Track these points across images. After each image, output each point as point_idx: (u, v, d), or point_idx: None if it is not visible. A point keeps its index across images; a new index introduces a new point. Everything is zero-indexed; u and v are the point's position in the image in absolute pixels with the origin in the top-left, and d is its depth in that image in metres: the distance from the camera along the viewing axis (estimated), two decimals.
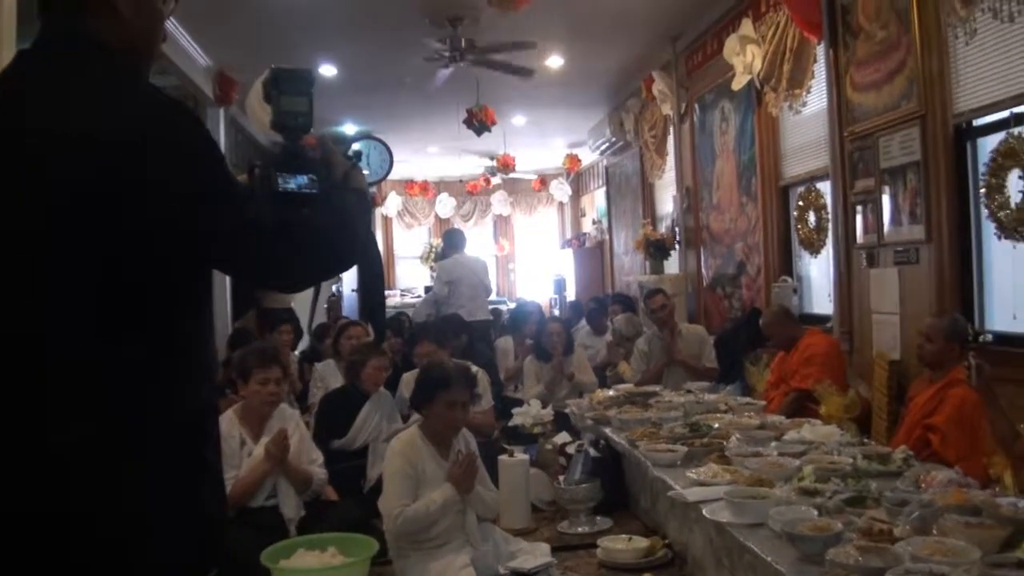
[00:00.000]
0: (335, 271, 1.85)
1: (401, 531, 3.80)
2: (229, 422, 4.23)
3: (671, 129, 9.79)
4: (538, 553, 3.99)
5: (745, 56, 7.04)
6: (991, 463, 3.76)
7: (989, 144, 4.60)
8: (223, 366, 5.64)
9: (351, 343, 6.25)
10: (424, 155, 15.16)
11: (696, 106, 9.05)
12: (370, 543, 3.64)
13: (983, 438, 3.91)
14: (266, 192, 1.77)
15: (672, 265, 10.02)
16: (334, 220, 1.74)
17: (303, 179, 1.79)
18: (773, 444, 4.19)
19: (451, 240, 9.90)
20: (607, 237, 14.56)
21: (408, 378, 5.52)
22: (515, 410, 5.99)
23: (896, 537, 2.69)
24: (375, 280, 2.07)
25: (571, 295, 15.04)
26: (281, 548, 3.56)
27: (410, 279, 18.13)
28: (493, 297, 16.89)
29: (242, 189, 1.74)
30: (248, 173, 1.85)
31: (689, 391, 5.95)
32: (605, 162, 14.23)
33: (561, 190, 17.55)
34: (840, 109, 5.96)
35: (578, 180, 17.26)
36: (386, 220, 18.17)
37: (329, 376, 6.34)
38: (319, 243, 1.70)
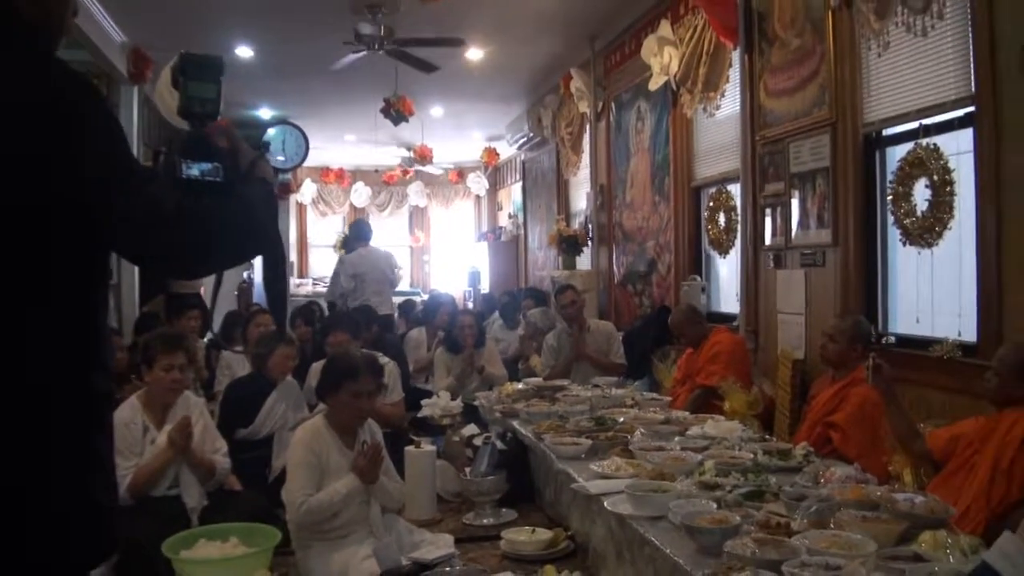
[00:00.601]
0: (235, 261, 1.81)
1: (304, 521, 3.74)
2: (132, 408, 4.15)
3: (587, 127, 9.87)
4: (441, 544, 3.97)
5: (662, 57, 7.13)
6: (891, 460, 3.88)
7: (897, 153, 4.73)
8: (129, 351, 5.51)
9: (259, 331, 6.15)
10: (340, 143, 15.02)
11: (613, 105, 9.14)
12: (272, 533, 3.60)
13: (883, 436, 4.03)
14: (169, 178, 1.73)
15: (584, 261, 10.11)
16: (237, 209, 1.71)
17: (207, 167, 1.75)
18: (676, 439, 4.25)
19: (358, 232, 9.87)
20: (522, 231, 14.60)
21: (317, 367, 5.45)
22: (424, 401, 5.96)
23: (793, 530, 2.75)
24: (277, 271, 2.04)
25: (485, 288, 15.05)
26: (183, 538, 3.53)
27: (323, 268, 17.92)
28: (406, 288, 16.87)
29: (143, 170, 1.69)
30: (153, 158, 1.81)
31: (596, 386, 6.00)
32: (522, 157, 14.26)
33: (478, 183, 17.53)
34: (753, 113, 6.08)
35: (495, 174, 17.27)
36: (300, 207, 17.94)
37: (236, 364, 6.23)
38: (220, 232, 1.66)
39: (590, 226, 9.88)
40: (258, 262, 1.91)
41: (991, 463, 3.34)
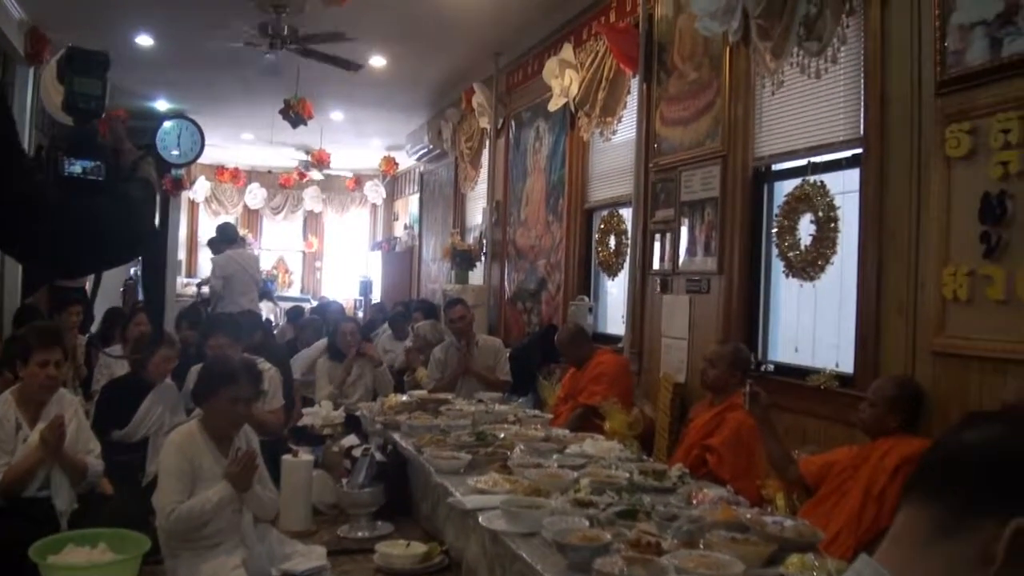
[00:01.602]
0: (113, 262, 1.77)
1: (174, 529, 3.63)
2: (5, 404, 4.01)
3: (487, 142, 9.90)
4: (313, 556, 3.90)
5: (563, 80, 7.21)
6: (765, 485, 3.98)
7: (785, 188, 4.88)
8: (7, 344, 5.30)
9: (140, 330, 5.99)
10: (237, 142, 14.75)
11: (512, 122, 9.20)
12: (142, 540, 3.50)
13: (758, 461, 4.13)
14: (51, 173, 1.68)
15: (477, 276, 10.13)
16: (118, 210, 1.67)
17: (90, 164, 1.71)
18: (555, 456, 4.28)
19: (226, 234, 10.20)
20: (417, 243, 14.55)
21: (196, 371, 5.32)
22: (305, 410, 5.89)
23: (664, 550, 2.79)
24: (156, 275, 2.00)
25: (377, 298, 14.95)
26: (50, 542, 3.40)
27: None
28: (296, 294, 16.67)
29: (30, 158, 1.64)
30: (35, 153, 1.76)
31: (481, 401, 6.00)
32: (421, 168, 14.23)
33: (375, 192, 17.42)
34: (648, 141, 6.20)
35: (394, 183, 17.18)
36: (192, 205, 17.51)
37: (116, 362, 6.04)
38: (101, 231, 1.62)
39: (484, 241, 9.91)
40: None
41: (863, 490, 3.46)
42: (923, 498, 1.15)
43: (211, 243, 11.06)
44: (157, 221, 1.87)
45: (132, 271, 12.03)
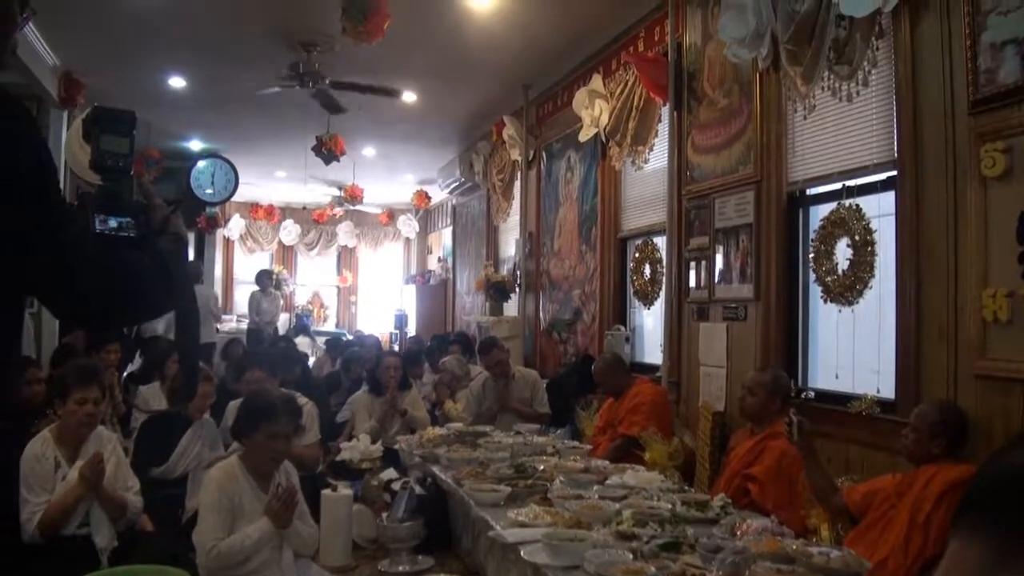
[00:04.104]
0: (146, 317, 1.79)
1: (214, 566, 3.63)
2: (44, 442, 4.02)
3: (518, 174, 9.93)
4: None
5: (593, 110, 7.23)
6: (809, 514, 3.91)
7: (820, 212, 4.84)
8: (46, 383, 5.35)
9: (177, 367, 6.02)
10: (271, 179, 14.88)
11: (544, 153, 9.23)
12: None
13: (800, 490, 4.07)
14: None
15: (511, 307, 10.12)
16: (150, 266, 1.68)
17: (121, 221, 1.73)
18: (595, 488, 4.22)
19: (192, 271, 11.06)
20: (451, 276, 14.59)
21: (235, 406, 5.33)
22: (343, 444, 5.87)
23: None
24: (189, 327, 2.02)
25: (412, 331, 15.00)
26: None
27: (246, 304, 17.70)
28: (332, 328, 16.79)
29: (70, 208, 1.66)
30: (78, 202, 1.78)
31: (519, 432, 5.96)
32: (454, 201, 14.29)
33: (408, 226, 17.51)
34: (680, 168, 6.18)
35: (426, 217, 17.26)
36: (228, 243, 17.68)
37: (153, 399, 6.08)
38: (133, 288, 1.63)
39: (518, 273, 9.91)
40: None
41: (908, 518, 3.40)
42: (974, 527, 1.10)
43: None
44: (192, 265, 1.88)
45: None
